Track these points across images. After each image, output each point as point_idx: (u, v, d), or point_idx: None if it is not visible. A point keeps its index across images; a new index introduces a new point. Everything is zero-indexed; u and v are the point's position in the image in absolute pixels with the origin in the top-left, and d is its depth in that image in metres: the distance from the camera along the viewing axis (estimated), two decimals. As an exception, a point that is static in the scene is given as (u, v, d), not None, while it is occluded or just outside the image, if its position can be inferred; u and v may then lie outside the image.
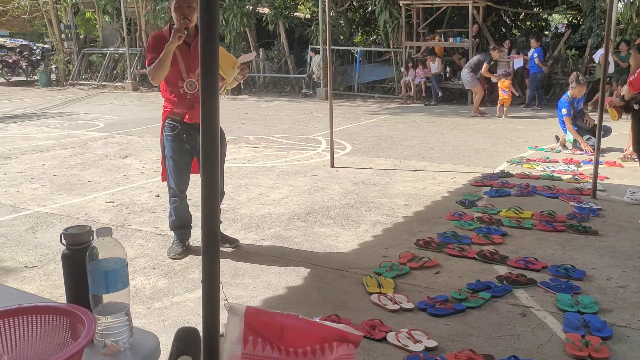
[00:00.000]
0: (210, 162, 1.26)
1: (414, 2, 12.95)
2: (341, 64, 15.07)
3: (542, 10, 15.46)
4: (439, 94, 12.46)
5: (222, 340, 1.31)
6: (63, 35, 19.11)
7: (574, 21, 14.71)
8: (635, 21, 11.39)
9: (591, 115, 7.27)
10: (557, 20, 18.41)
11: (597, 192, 4.90)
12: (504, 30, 15.36)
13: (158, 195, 5.07)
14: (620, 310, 2.84)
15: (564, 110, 6.93)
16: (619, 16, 11.52)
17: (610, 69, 10.16)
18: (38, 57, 22.17)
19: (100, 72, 18.15)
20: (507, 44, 12.05)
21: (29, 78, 21.33)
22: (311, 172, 5.97)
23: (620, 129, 7.29)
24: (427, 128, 9.06)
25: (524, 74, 11.86)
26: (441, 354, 2.45)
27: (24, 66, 21.94)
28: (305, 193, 5.16)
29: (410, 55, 13.43)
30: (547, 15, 16.00)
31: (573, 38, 12.66)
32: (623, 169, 5.97)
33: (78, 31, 19.62)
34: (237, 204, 4.80)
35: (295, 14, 16.61)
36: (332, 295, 3.08)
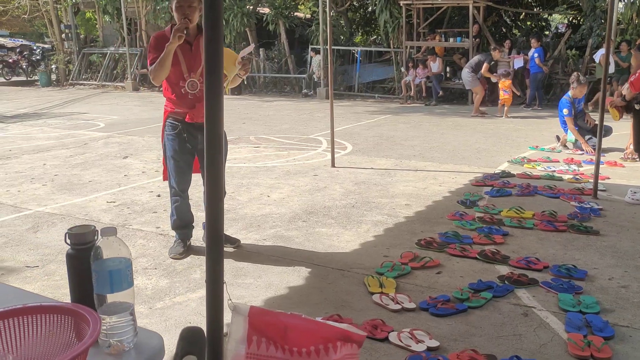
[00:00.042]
0: (215, 162, 1.26)
1: (415, 2, 12.95)
2: (341, 64, 15.07)
3: (542, 10, 15.45)
4: (440, 93, 12.48)
5: (226, 340, 1.31)
6: (63, 35, 19.10)
7: (574, 21, 14.71)
8: (636, 21, 11.39)
9: (592, 115, 7.28)
10: (558, 20, 18.40)
11: (598, 192, 4.90)
12: (504, 30, 15.35)
13: (159, 195, 5.07)
14: (622, 310, 2.84)
15: (565, 111, 6.92)
16: (620, 16, 11.52)
17: (610, 69, 10.16)
18: (38, 57, 22.16)
19: (101, 72, 18.14)
20: (507, 43, 12.06)
21: (29, 78, 21.33)
22: (312, 172, 5.97)
23: (621, 129, 7.29)
24: (428, 128, 9.06)
25: (525, 74, 11.86)
26: (443, 354, 2.45)
27: (24, 66, 21.94)
28: (306, 193, 5.16)
29: (410, 55, 13.43)
30: (547, 15, 16.00)
31: (573, 38, 12.65)
32: (624, 169, 5.96)
33: (78, 31, 19.61)
34: (238, 204, 4.79)
35: (295, 14, 16.61)
36: (334, 295, 3.07)
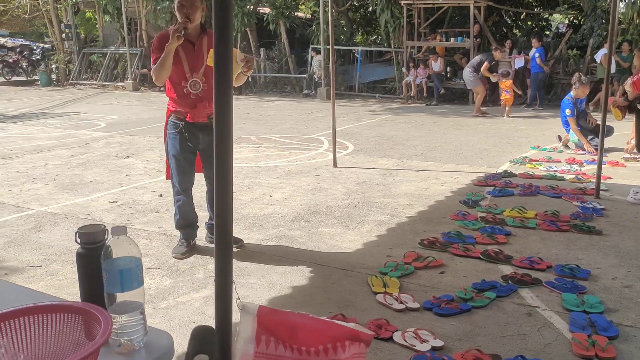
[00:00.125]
0: (224, 161, 1.25)
1: (415, 2, 12.94)
2: (342, 64, 15.06)
3: (543, 10, 15.45)
4: (442, 91, 12.49)
5: (234, 339, 1.31)
6: (63, 35, 19.09)
7: (574, 21, 14.70)
8: (637, 21, 11.39)
9: (593, 115, 7.28)
10: (558, 20, 18.40)
11: (600, 192, 4.90)
12: (505, 30, 15.35)
13: (161, 195, 5.07)
14: (626, 310, 2.84)
15: (567, 111, 6.92)
16: (621, 16, 11.52)
17: (611, 69, 10.16)
18: (38, 57, 22.15)
19: (101, 71, 18.14)
20: (508, 43, 12.06)
21: (29, 78, 21.32)
22: (314, 172, 5.96)
23: (622, 128, 7.29)
24: (429, 128, 9.06)
25: (525, 74, 11.86)
26: (448, 354, 2.45)
27: (24, 66, 21.92)
28: (309, 193, 5.16)
29: (411, 55, 13.43)
30: (548, 15, 15.99)
31: (574, 38, 12.65)
32: (626, 169, 5.97)
33: (78, 31, 19.61)
34: (240, 204, 4.79)
35: (296, 13, 16.61)
36: (338, 294, 3.08)
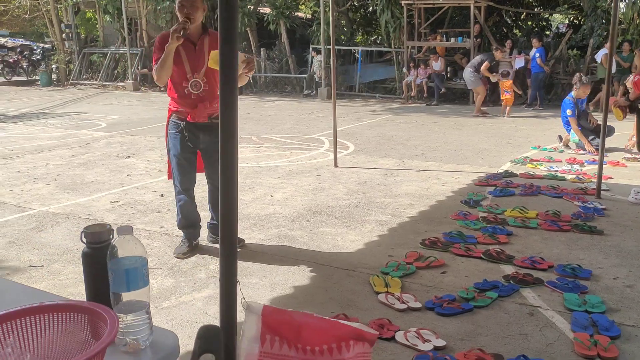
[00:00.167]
0: (229, 162, 1.26)
1: (416, 2, 12.95)
2: (342, 64, 15.07)
3: (543, 10, 15.45)
4: (442, 90, 12.50)
5: (239, 339, 1.31)
6: (64, 35, 19.10)
7: (575, 21, 14.71)
8: (637, 21, 11.39)
9: (594, 115, 7.28)
10: (559, 20, 18.41)
11: (602, 192, 4.90)
12: (505, 30, 15.36)
13: (162, 195, 5.08)
14: (628, 310, 2.84)
15: (568, 111, 6.92)
16: (621, 16, 11.52)
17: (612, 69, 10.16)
18: (39, 57, 22.16)
19: (101, 71, 18.14)
20: (508, 43, 12.07)
21: (29, 78, 21.33)
22: (315, 172, 5.97)
23: (623, 129, 7.29)
24: (430, 128, 9.06)
25: (526, 74, 11.87)
26: (450, 353, 2.45)
27: (24, 66, 21.93)
28: (310, 193, 5.16)
29: (411, 55, 13.43)
30: (548, 15, 16.00)
31: (574, 38, 12.66)
32: (627, 169, 5.97)
33: (79, 31, 19.61)
34: (241, 204, 4.79)
35: (296, 13, 16.62)
36: (339, 294, 3.08)
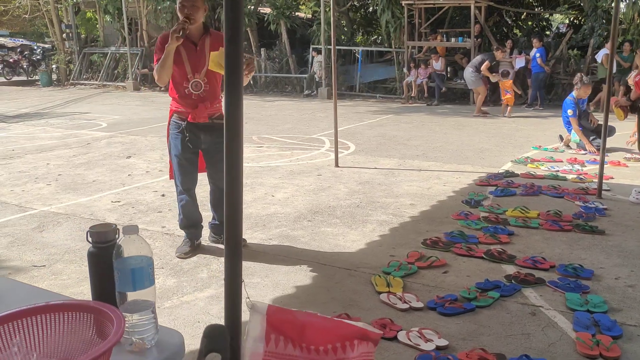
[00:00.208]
0: (234, 162, 1.26)
1: (416, 2, 12.95)
2: (343, 64, 15.07)
3: (543, 10, 15.46)
4: (443, 89, 12.51)
5: (244, 338, 1.31)
6: (64, 35, 19.10)
7: (575, 21, 14.72)
8: (637, 21, 11.40)
9: (595, 115, 7.29)
10: (559, 20, 18.41)
11: (603, 192, 4.90)
12: (506, 30, 15.36)
13: (163, 195, 5.08)
14: (630, 310, 2.85)
15: (569, 112, 6.92)
16: (621, 16, 11.53)
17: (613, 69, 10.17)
18: (39, 57, 22.17)
19: (102, 71, 18.14)
20: (509, 43, 12.07)
21: (29, 78, 21.34)
22: (316, 172, 5.97)
23: (624, 128, 7.29)
24: (430, 128, 9.06)
25: (526, 74, 11.87)
26: (452, 353, 2.45)
27: (24, 66, 21.94)
28: (311, 192, 5.16)
29: (412, 55, 13.44)
30: (548, 15, 16.00)
31: (575, 38, 12.66)
32: (628, 169, 5.97)
33: (79, 31, 19.61)
34: (242, 204, 4.79)
35: (296, 13, 16.61)
36: (341, 294, 3.08)
